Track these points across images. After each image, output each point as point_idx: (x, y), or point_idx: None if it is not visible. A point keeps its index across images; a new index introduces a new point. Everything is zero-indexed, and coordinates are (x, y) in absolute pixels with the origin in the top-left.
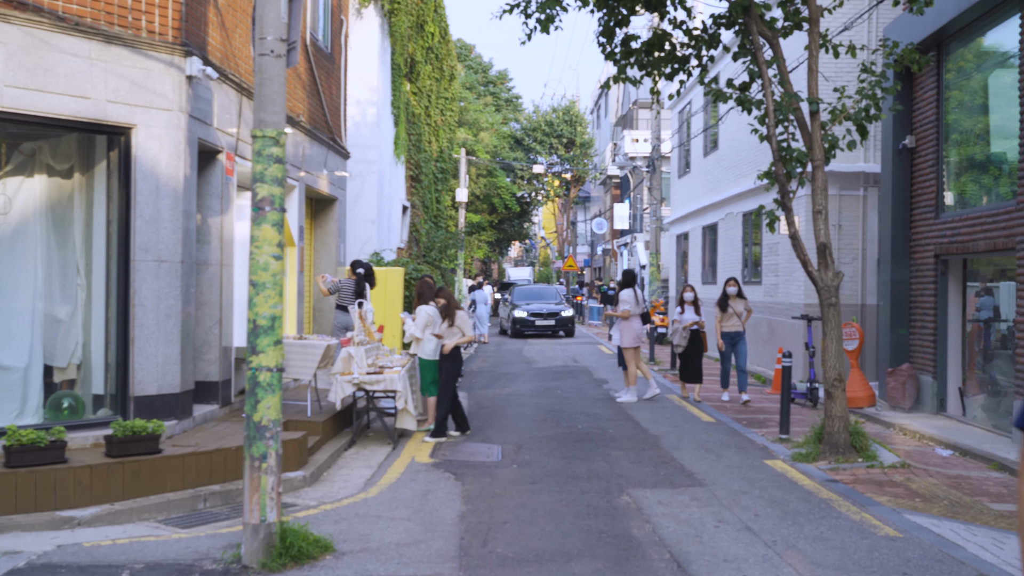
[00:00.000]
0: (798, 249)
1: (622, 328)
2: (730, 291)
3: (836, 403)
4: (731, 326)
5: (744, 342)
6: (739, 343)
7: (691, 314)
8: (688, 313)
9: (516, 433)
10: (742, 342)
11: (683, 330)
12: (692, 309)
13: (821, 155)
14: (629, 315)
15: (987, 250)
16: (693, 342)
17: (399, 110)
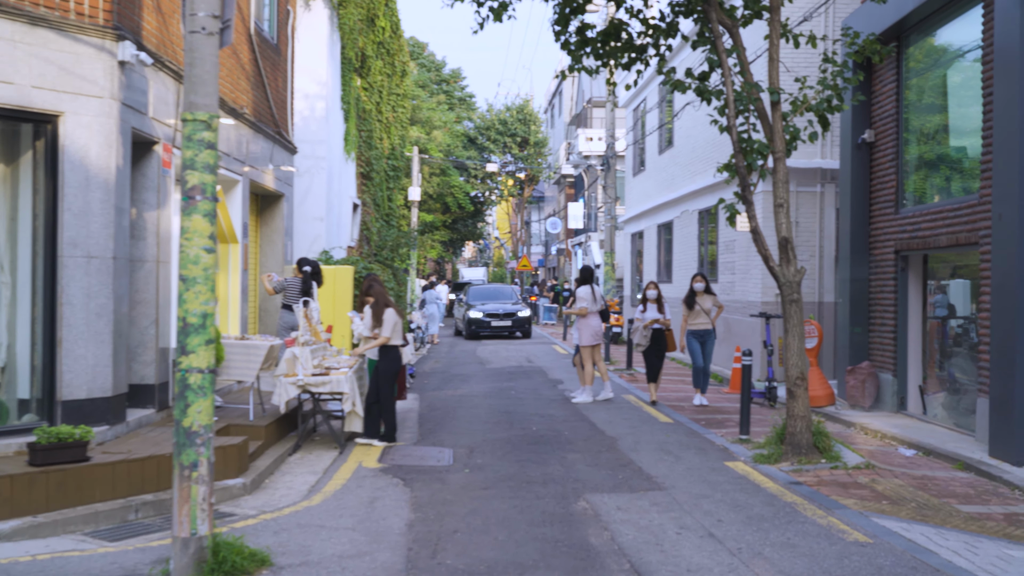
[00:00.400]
0: (759, 244)
1: (580, 326)
2: (697, 287)
3: (798, 402)
4: (699, 324)
5: (713, 341)
6: (708, 341)
7: (653, 312)
8: (650, 311)
9: (468, 436)
10: (711, 340)
11: (643, 328)
12: (655, 307)
13: (782, 147)
14: (587, 312)
15: (949, 245)
16: (656, 342)
17: (349, 105)
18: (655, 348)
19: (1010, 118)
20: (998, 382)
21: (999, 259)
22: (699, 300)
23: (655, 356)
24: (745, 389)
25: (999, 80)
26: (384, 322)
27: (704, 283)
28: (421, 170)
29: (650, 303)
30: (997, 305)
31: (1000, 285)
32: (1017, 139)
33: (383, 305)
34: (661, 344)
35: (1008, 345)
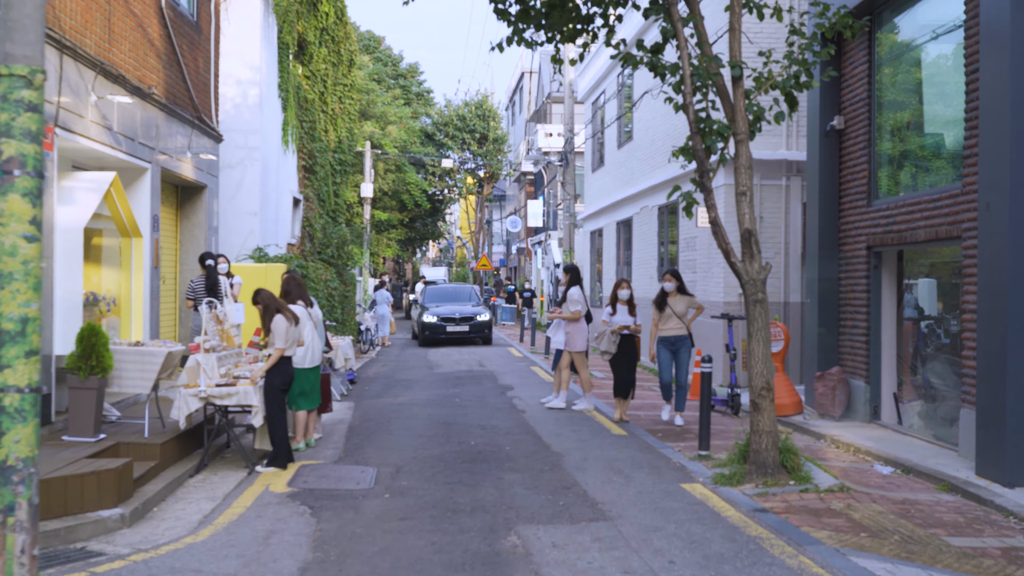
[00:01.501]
0: (719, 237)
1: (572, 330)
2: (667, 287)
3: (764, 416)
4: (670, 329)
5: (687, 349)
6: (681, 350)
7: (624, 316)
8: (620, 314)
9: (398, 452)
10: (685, 349)
11: (611, 334)
12: (626, 310)
13: (745, 128)
14: (580, 316)
15: (927, 240)
16: (625, 349)
17: (288, 94)
18: (624, 357)
19: (998, 97)
20: (986, 392)
21: (986, 254)
22: (671, 302)
23: (624, 366)
24: (704, 400)
25: (986, 56)
26: (273, 332)
27: (676, 282)
28: (375, 166)
29: (620, 304)
30: (985, 306)
31: (988, 284)
32: (1007, 120)
33: (272, 311)
34: (630, 352)
35: (997, 351)
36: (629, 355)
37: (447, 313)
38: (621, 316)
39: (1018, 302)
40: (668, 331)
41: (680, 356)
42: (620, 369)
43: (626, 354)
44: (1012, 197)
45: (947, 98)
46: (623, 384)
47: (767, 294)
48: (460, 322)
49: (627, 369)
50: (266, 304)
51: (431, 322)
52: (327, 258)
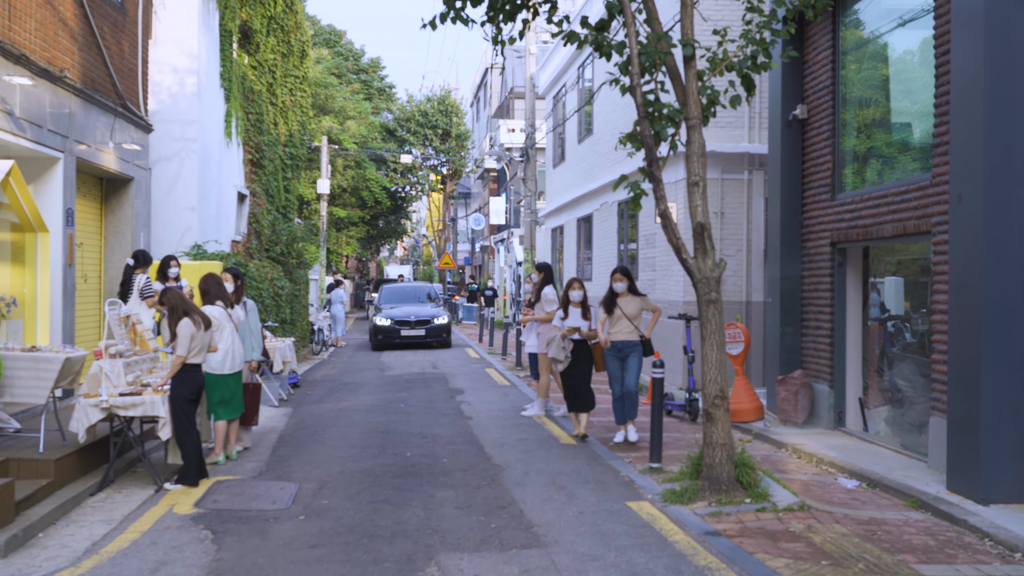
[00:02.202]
0: (670, 231)
1: (545, 331)
2: (617, 287)
3: (718, 427)
4: (620, 333)
5: (638, 356)
6: (630, 357)
7: (576, 318)
8: (573, 317)
9: (326, 465)
10: (635, 356)
11: (561, 339)
12: (579, 312)
13: (698, 112)
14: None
15: (895, 235)
16: (580, 358)
17: (231, 83)
18: (577, 366)
19: (971, 81)
20: (958, 400)
21: (958, 250)
22: (621, 303)
23: (578, 376)
24: (656, 407)
25: (957, 37)
26: (178, 336)
27: (626, 281)
28: (333, 162)
29: (573, 307)
30: (956, 306)
31: (960, 282)
32: (979, 105)
33: (179, 314)
34: (585, 361)
35: (970, 355)
36: (584, 363)
37: (402, 316)
38: (573, 320)
39: (993, 302)
40: (616, 335)
41: (629, 363)
42: (573, 379)
43: (580, 362)
44: (986, 188)
45: (916, 84)
46: (576, 395)
47: (721, 293)
48: (416, 325)
49: (582, 378)
50: (173, 306)
51: (384, 325)
52: (275, 256)
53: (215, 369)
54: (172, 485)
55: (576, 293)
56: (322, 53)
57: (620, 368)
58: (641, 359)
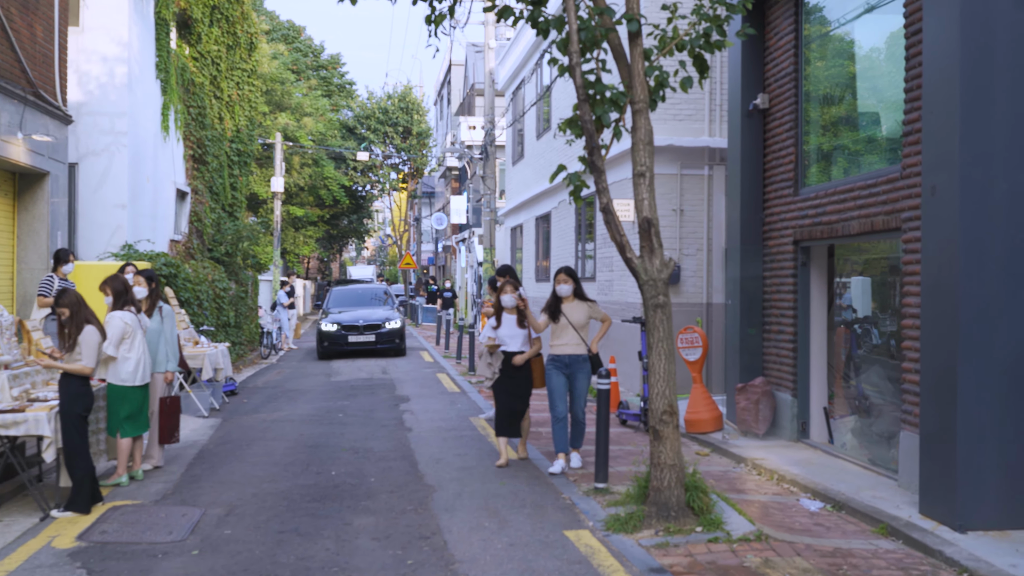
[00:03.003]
0: (612, 227)
1: None
2: (561, 291)
3: (666, 446)
4: (565, 345)
5: (586, 374)
6: (577, 374)
7: (512, 328)
8: (507, 327)
9: (241, 487)
10: (583, 373)
11: (488, 352)
12: (514, 320)
13: (645, 95)
14: None
15: (861, 232)
16: (512, 374)
17: (168, 75)
18: (508, 384)
19: (945, 60)
20: (931, 414)
21: (932, 248)
22: (567, 309)
23: (509, 395)
24: (602, 420)
25: (930, 15)
26: (81, 346)
27: (572, 284)
28: (290, 160)
29: (507, 313)
30: (930, 310)
31: (934, 283)
32: (955, 87)
33: (81, 321)
34: (519, 378)
35: (945, 364)
36: (518, 380)
37: (350, 320)
38: (508, 329)
39: (971, 304)
40: (562, 348)
41: (577, 382)
42: (503, 398)
43: (513, 379)
44: (963, 178)
45: (885, 70)
46: (508, 420)
47: (683, 295)
48: (365, 330)
49: (513, 398)
50: (73, 311)
51: (330, 331)
52: (219, 256)
53: (125, 381)
54: (60, 512)
55: (508, 297)
56: (279, 48)
57: (565, 384)
58: (590, 378)
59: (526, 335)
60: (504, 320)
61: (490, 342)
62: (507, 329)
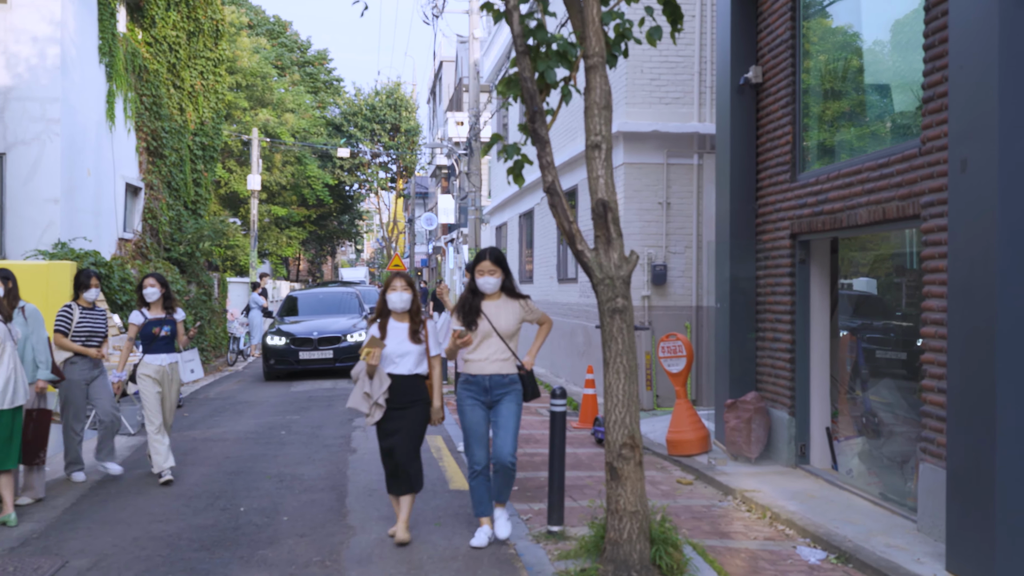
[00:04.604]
0: (558, 212)
1: None
2: (483, 284)
3: (626, 488)
4: (488, 361)
5: (515, 401)
6: (503, 401)
7: (402, 339)
8: (394, 338)
9: (125, 528)
10: (509, 400)
11: (367, 377)
12: (406, 330)
13: (601, 47)
14: None
15: (871, 222)
16: (401, 402)
17: (115, 60)
18: (395, 421)
19: (977, 10)
20: (961, 446)
21: (961, 238)
22: (489, 312)
23: (400, 437)
24: (557, 449)
25: None
26: None
27: (499, 275)
28: (271, 157)
29: (395, 319)
30: (959, 316)
31: (965, 284)
32: (994, 30)
33: None
34: (412, 410)
35: (980, 384)
36: (409, 417)
37: (303, 332)
38: (396, 341)
39: (1013, 309)
40: (480, 365)
41: (502, 412)
42: (393, 443)
43: (403, 412)
44: (1004, 148)
45: (899, 30)
46: (396, 471)
47: (671, 297)
48: (320, 345)
49: (407, 441)
50: None
51: (276, 346)
52: (177, 256)
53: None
54: None
55: (399, 296)
56: (261, 42)
57: (485, 418)
58: (521, 406)
59: (422, 352)
60: (391, 330)
61: (370, 363)
62: (395, 342)
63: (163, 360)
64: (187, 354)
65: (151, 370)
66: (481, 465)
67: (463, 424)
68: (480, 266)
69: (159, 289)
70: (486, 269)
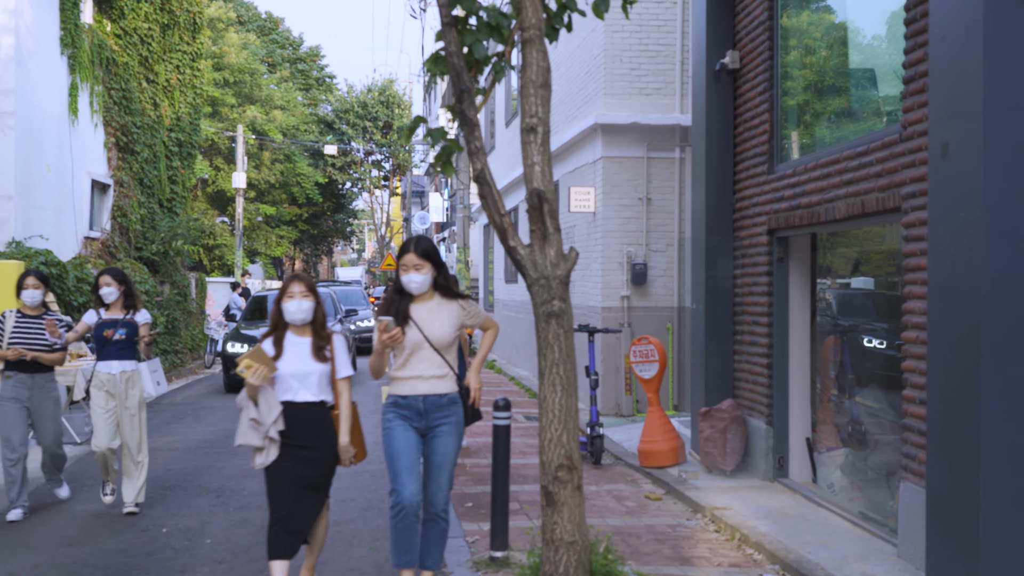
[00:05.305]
0: (489, 203)
1: None
2: (409, 282)
3: (563, 515)
4: (416, 380)
5: (454, 427)
6: (440, 430)
7: (302, 359)
8: (292, 357)
9: (29, 552)
10: (447, 426)
11: (250, 400)
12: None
13: (539, 19)
14: None
15: (849, 216)
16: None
17: (79, 51)
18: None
19: None
20: (942, 465)
21: (942, 232)
22: (418, 317)
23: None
24: (500, 466)
25: None
26: None
27: (429, 270)
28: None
29: (293, 333)
30: (939, 319)
31: (945, 283)
32: (977, 3)
33: None
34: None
35: (964, 397)
36: (314, 459)
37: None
38: (294, 360)
39: (999, 313)
40: (410, 384)
41: (437, 448)
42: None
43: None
44: (989, 129)
45: (882, 6)
46: (283, 524)
47: (652, 297)
48: None
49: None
50: None
51: (235, 354)
52: (149, 255)
53: None
54: None
55: (297, 305)
56: (249, 38)
57: (418, 446)
58: (461, 439)
59: (327, 374)
60: (289, 345)
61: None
62: (294, 361)
63: (114, 368)
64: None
65: (100, 380)
66: (408, 500)
67: (388, 450)
68: (404, 259)
69: (116, 287)
70: (411, 263)
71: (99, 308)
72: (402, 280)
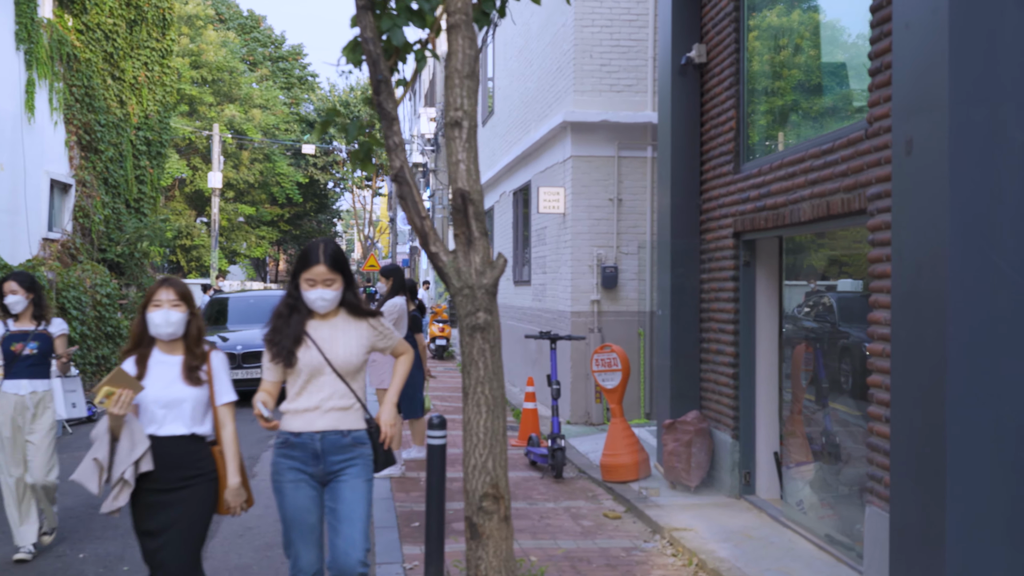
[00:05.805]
0: (408, 204)
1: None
2: (316, 300)
3: (488, 549)
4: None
5: (361, 478)
6: (343, 480)
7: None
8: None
9: None
10: (354, 471)
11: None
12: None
13: (466, 4)
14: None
15: (815, 218)
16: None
17: (36, 47)
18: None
19: None
20: (908, 489)
21: (907, 235)
22: (316, 334)
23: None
24: (434, 490)
25: None
26: None
27: (339, 285)
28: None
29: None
30: (904, 331)
31: (910, 291)
32: None
33: None
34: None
35: (929, 416)
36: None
37: (225, 347)
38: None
39: (967, 324)
40: (306, 418)
41: (343, 495)
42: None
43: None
44: (955, 124)
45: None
46: None
47: (622, 301)
48: (244, 363)
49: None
50: None
51: None
52: (114, 258)
53: None
54: None
55: (163, 316)
56: (229, 36)
57: (317, 505)
58: (372, 482)
59: (203, 400)
60: (154, 365)
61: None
62: (160, 384)
63: (23, 388)
64: (68, 382)
65: (5, 402)
66: (308, 573)
67: (281, 512)
68: (311, 272)
69: (24, 295)
70: (320, 277)
71: (5, 320)
72: (308, 297)
